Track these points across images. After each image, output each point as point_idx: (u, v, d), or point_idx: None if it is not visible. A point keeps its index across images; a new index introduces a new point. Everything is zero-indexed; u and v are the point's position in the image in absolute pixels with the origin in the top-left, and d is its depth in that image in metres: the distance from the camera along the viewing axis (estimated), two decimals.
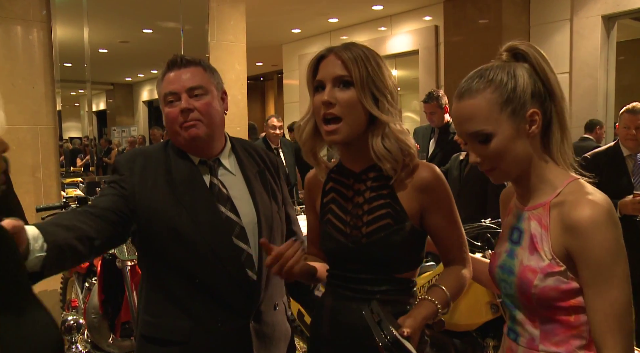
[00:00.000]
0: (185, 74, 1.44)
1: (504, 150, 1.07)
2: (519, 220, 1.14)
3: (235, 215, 1.45)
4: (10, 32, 3.41)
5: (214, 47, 4.44)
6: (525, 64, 1.09)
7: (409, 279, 1.30)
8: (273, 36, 8.60)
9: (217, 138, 1.49)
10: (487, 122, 1.06)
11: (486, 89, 1.06)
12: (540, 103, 1.08)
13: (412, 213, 1.24)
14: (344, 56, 1.20)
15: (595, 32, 5.55)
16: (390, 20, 7.41)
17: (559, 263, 1.03)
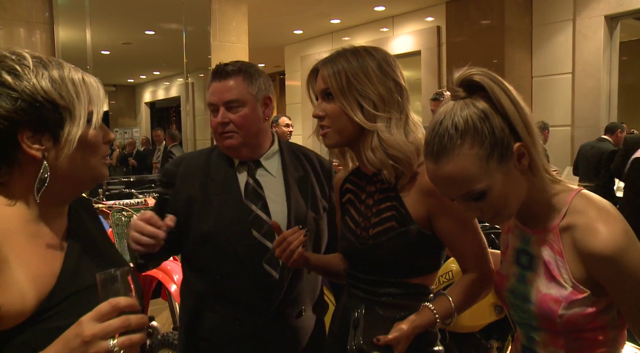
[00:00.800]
0: (224, 86, 1.49)
1: (503, 197, 0.97)
2: (525, 243, 1.07)
3: (265, 214, 1.49)
4: (13, 34, 3.42)
5: (216, 48, 4.45)
6: (482, 98, 0.96)
7: (420, 285, 1.25)
8: (275, 37, 8.60)
9: (256, 144, 1.54)
10: (477, 181, 0.94)
11: (463, 145, 0.94)
12: (517, 135, 0.96)
13: (419, 217, 1.21)
14: (324, 72, 1.23)
15: (598, 32, 5.54)
16: (393, 21, 7.41)
17: (582, 290, 0.96)
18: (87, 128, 0.90)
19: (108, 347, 0.76)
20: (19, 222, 0.88)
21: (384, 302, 1.23)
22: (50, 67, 0.89)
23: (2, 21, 3.37)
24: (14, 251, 0.84)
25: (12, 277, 0.83)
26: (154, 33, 4.85)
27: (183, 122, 5.33)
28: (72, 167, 0.90)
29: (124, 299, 0.79)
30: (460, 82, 0.97)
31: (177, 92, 5.60)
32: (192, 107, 4.93)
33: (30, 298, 0.84)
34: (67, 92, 0.88)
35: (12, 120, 0.85)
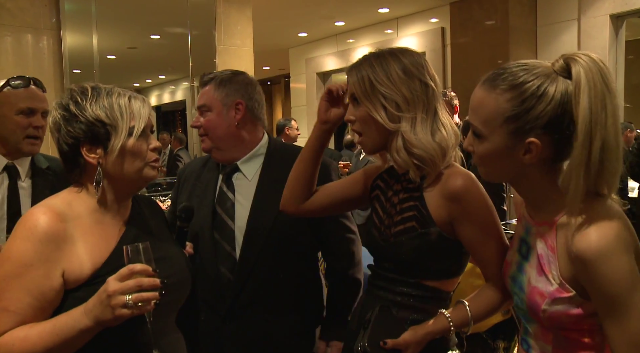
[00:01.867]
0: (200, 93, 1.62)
1: (488, 158, 1.00)
2: (527, 233, 1.07)
3: (230, 218, 1.56)
4: (21, 40, 3.45)
5: (221, 51, 4.47)
6: (570, 84, 0.93)
7: (436, 289, 1.24)
8: (280, 40, 8.62)
9: (228, 148, 1.58)
10: (485, 124, 0.98)
11: (504, 93, 0.96)
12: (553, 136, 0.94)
13: (441, 220, 1.20)
14: (350, 78, 1.25)
15: (603, 31, 5.52)
16: (397, 23, 7.41)
17: (568, 289, 0.95)
18: (127, 139, 1.16)
19: (125, 301, 0.99)
20: (87, 211, 1.18)
21: (399, 302, 1.24)
22: (103, 95, 1.18)
23: (11, 28, 3.41)
24: (79, 231, 1.14)
25: (75, 251, 1.12)
26: (159, 37, 4.87)
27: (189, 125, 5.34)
28: (120, 170, 1.17)
29: (140, 265, 1.03)
30: (564, 58, 0.96)
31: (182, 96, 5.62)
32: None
33: (87, 267, 1.12)
34: (113, 113, 1.16)
35: (76, 138, 1.16)
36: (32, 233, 1.08)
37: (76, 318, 1.03)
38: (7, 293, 1.06)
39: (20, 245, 1.08)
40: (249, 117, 1.59)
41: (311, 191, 1.38)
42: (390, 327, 1.21)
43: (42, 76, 3.54)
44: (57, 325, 1.04)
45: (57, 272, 1.08)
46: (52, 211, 1.12)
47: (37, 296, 1.06)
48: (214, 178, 1.63)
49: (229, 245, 1.55)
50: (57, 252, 1.09)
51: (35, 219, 1.10)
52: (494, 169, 1.02)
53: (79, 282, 1.10)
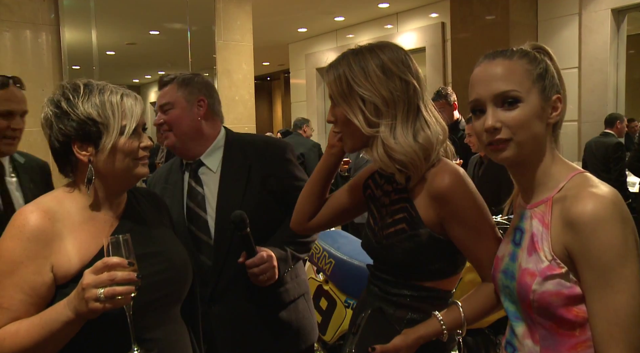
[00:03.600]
0: (160, 93, 1.71)
1: (527, 121, 0.98)
2: (521, 220, 1.05)
3: (202, 210, 1.67)
4: (20, 36, 3.44)
5: (220, 47, 4.46)
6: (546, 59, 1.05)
7: (434, 289, 1.22)
8: (279, 36, 8.61)
9: (191, 142, 1.70)
10: (521, 86, 1.00)
11: (522, 58, 1.02)
12: (562, 93, 1.04)
13: (430, 221, 1.17)
14: (327, 78, 1.23)
15: (604, 25, 5.50)
16: (397, 18, 7.39)
17: (559, 264, 0.92)
18: (119, 138, 1.16)
19: (97, 294, 0.99)
20: (77, 208, 1.19)
21: (395, 302, 1.22)
22: (95, 93, 1.17)
23: (9, 23, 3.39)
24: (68, 228, 1.15)
25: (63, 247, 1.13)
26: (159, 33, 4.86)
27: None
28: (111, 168, 1.17)
29: (116, 259, 1.02)
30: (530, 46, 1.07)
31: None
32: None
33: (75, 263, 1.13)
34: (105, 111, 1.16)
35: (67, 135, 1.15)
36: (21, 232, 1.11)
37: (59, 311, 1.05)
38: (0, 291, 1.09)
39: (10, 244, 1.11)
40: (210, 113, 1.71)
41: (317, 211, 1.39)
42: (381, 331, 1.19)
43: (41, 72, 3.54)
44: (43, 318, 1.06)
45: (46, 268, 1.11)
46: (41, 209, 1.14)
47: (29, 292, 1.09)
48: (180, 178, 1.73)
49: (205, 235, 1.65)
50: (45, 249, 1.11)
51: (24, 218, 1.12)
52: (529, 137, 0.99)
53: (67, 278, 1.12)
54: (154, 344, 1.16)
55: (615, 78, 5.61)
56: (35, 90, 3.49)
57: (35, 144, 3.53)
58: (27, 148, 3.42)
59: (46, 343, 1.05)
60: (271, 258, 1.53)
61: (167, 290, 1.22)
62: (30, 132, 3.47)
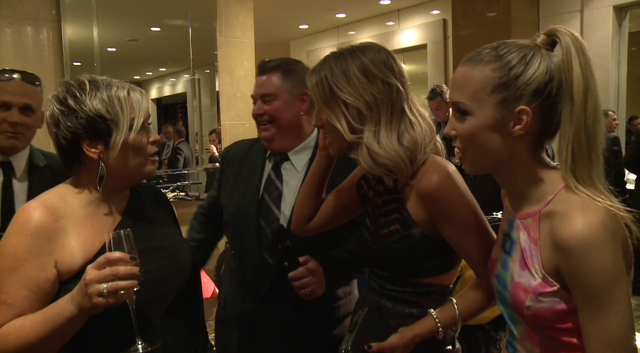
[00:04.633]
0: (260, 81, 1.62)
1: (473, 135, 0.95)
2: (510, 227, 1.03)
3: (276, 206, 1.60)
4: (21, 32, 3.43)
5: (222, 44, 4.46)
6: (554, 55, 0.95)
7: (432, 284, 1.22)
8: (281, 32, 8.59)
9: (289, 136, 1.62)
10: (471, 98, 0.95)
11: (489, 64, 0.94)
12: (542, 103, 0.92)
13: (422, 220, 1.17)
14: (309, 83, 1.22)
15: (606, 22, 5.49)
16: (398, 15, 7.37)
17: (551, 283, 0.90)
18: (128, 134, 1.16)
19: (100, 289, 0.99)
20: (81, 204, 1.19)
21: (393, 296, 1.23)
22: (102, 89, 1.16)
23: (10, 19, 3.39)
24: (71, 224, 1.15)
25: (66, 243, 1.13)
26: (160, 29, 4.85)
27: (190, 118, 5.33)
28: (122, 164, 1.17)
29: (118, 253, 1.02)
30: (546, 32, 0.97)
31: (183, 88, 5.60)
32: (199, 103, 4.94)
33: (79, 258, 1.13)
34: (113, 107, 1.15)
35: (76, 133, 1.14)
36: (24, 228, 1.11)
37: (63, 307, 1.05)
38: (4, 287, 1.09)
39: (13, 240, 1.11)
40: (311, 108, 1.61)
41: (315, 213, 1.40)
42: (378, 329, 1.19)
43: (42, 68, 3.54)
44: (46, 313, 1.06)
45: (50, 264, 1.11)
46: (44, 206, 1.14)
47: (33, 288, 1.09)
48: (259, 165, 1.67)
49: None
50: (49, 245, 1.11)
51: (27, 214, 1.12)
52: (481, 150, 0.96)
53: (71, 274, 1.12)
54: (158, 338, 1.16)
55: (616, 75, 5.59)
56: None
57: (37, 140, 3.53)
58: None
59: (50, 338, 1.05)
60: (314, 272, 1.45)
61: (171, 285, 1.23)
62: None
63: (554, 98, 0.93)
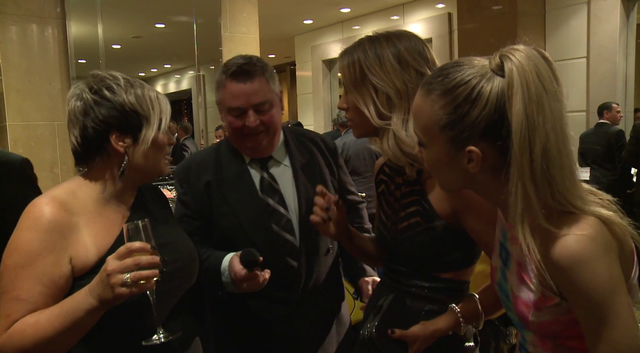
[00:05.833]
0: (250, 89, 1.43)
1: (432, 166, 0.94)
2: (503, 237, 1.00)
3: (283, 207, 1.50)
4: (26, 29, 3.44)
5: (226, 39, 4.45)
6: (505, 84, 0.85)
7: (451, 279, 1.21)
8: (285, 28, 8.57)
9: (274, 140, 1.55)
10: (424, 132, 0.92)
11: (438, 99, 0.89)
12: (494, 142, 0.86)
13: (445, 213, 1.16)
14: (340, 63, 1.20)
15: (614, 14, 5.43)
16: (403, 9, 7.34)
17: (551, 297, 0.87)
18: (157, 132, 1.19)
19: (123, 279, 0.99)
20: (91, 199, 1.18)
21: (413, 293, 1.21)
22: (136, 86, 1.19)
23: (15, 17, 3.39)
24: (83, 219, 1.15)
25: (80, 239, 1.13)
26: (164, 26, 4.85)
27: (195, 114, 5.33)
28: (144, 161, 1.20)
29: (138, 243, 1.02)
30: (499, 55, 0.87)
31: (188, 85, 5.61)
32: (204, 99, 4.94)
33: (93, 254, 1.13)
34: (146, 104, 1.18)
35: (107, 124, 1.15)
36: (37, 223, 1.10)
37: (81, 300, 1.04)
38: (18, 283, 1.08)
39: (27, 236, 1.09)
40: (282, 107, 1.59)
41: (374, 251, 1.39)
42: (403, 317, 1.18)
43: (47, 66, 3.54)
44: (64, 307, 1.06)
45: (64, 260, 1.10)
46: (55, 201, 1.13)
47: (48, 284, 1.08)
48: (244, 170, 1.53)
49: (290, 235, 1.50)
50: (63, 241, 1.10)
51: (39, 210, 1.11)
52: (443, 177, 0.95)
53: (85, 270, 1.12)
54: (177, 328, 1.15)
55: (624, 68, 5.55)
56: (42, 83, 3.50)
57: (43, 138, 3.55)
58: (35, 141, 3.46)
59: (69, 332, 1.05)
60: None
61: (179, 281, 1.24)
62: (38, 125, 3.49)
63: (507, 135, 0.84)
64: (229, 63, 1.49)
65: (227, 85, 1.46)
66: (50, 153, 3.60)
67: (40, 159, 3.51)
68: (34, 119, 3.51)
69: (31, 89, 3.47)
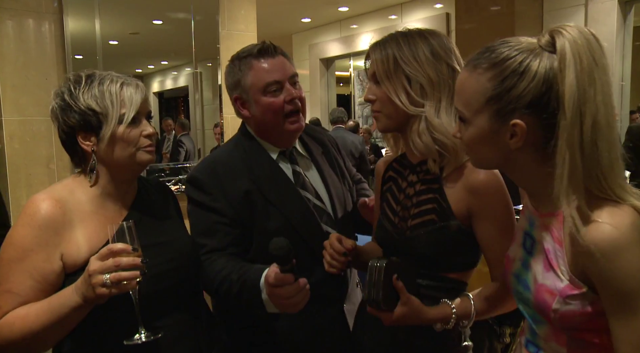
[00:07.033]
0: (283, 62, 1.42)
1: (473, 143, 0.94)
2: (530, 226, 1.00)
3: (320, 202, 1.46)
4: (22, 24, 3.43)
5: (224, 37, 4.44)
6: (555, 58, 0.86)
7: (458, 280, 1.22)
8: (283, 26, 8.56)
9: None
10: (467, 107, 0.93)
11: (485, 72, 0.90)
12: (539, 116, 0.87)
13: (460, 213, 1.17)
14: (373, 56, 1.21)
15: (611, 17, 5.45)
16: (401, 9, 7.34)
17: (579, 285, 0.87)
18: (117, 127, 1.18)
19: (103, 280, 1.01)
20: (88, 197, 1.21)
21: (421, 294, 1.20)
22: (95, 83, 1.19)
23: (12, 11, 3.38)
24: (79, 217, 1.17)
25: (73, 235, 1.16)
26: (162, 23, 4.83)
27: (191, 111, 5.32)
28: (112, 156, 1.20)
29: (120, 245, 1.04)
30: (550, 32, 0.89)
31: (185, 82, 5.59)
32: (201, 96, 4.93)
33: (84, 251, 1.15)
34: (104, 101, 1.18)
35: (71, 127, 1.19)
36: (32, 220, 1.14)
37: (67, 297, 1.08)
38: (10, 276, 1.12)
39: (22, 231, 1.14)
40: None
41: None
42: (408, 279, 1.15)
43: (44, 61, 3.53)
44: (51, 303, 1.09)
45: (56, 256, 1.14)
46: (52, 198, 1.17)
47: (39, 279, 1.12)
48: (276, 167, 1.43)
49: (332, 229, 1.43)
50: (55, 237, 1.14)
51: (35, 206, 1.15)
52: (481, 155, 0.96)
53: (76, 267, 1.15)
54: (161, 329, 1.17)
55: (621, 70, 5.57)
56: (38, 79, 3.48)
57: (40, 133, 3.53)
58: (31, 136, 3.44)
59: (54, 327, 1.08)
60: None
61: (174, 280, 1.24)
62: (34, 120, 3.47)
63: (553, 109, 0.86)
64: (245, 49, 1.46)
65: (256, 65, 1.41)
66: (46, 149, 3.58)
67: (36, 154, 3.50)
68: (30, 114, 3.49)
69: (27, 84, 3.46)
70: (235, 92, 1.45)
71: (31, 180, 3.37)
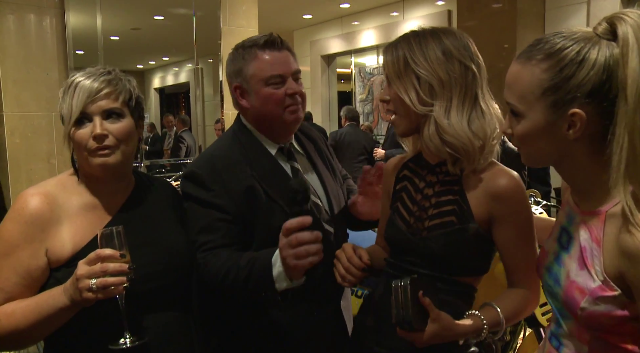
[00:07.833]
0: (287, 57, 1.42)
1: (527, 137, 0.92)
2: (569, 222, 0.98)
3: (319, 200, 1.44)
4: (24, 19, 3.42)
5: (226, 33, 4.43)
6: (616, 47, 0.84)
7: (470, 284, 1.21)
8: (284, 22, 8.55)
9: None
10: (521, 100, 0.91)
11: (540, 63, 0.88)
12: (599, 104, 0.85)
13: (480, 218, 1.15)
14: (385, 57, 1.21)
15: None
16: (403, 5, 7.32)
17: (612, 287, 0.85)
18: (68, 128, 1.18)
19: (89, 285, 1.02)
20: (78, 194, 1.22)
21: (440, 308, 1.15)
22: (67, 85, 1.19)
23: (13, 6, 3.37)
24: (67, 213, 1.18)
25: (59, 232, 1.16)
26: (163, 18, 4.82)
27: (192, 107, 5.33)
28: (78, 158, 1.21)
29: (108, 251, 1.05)
30: (607, 19, 0.87)
31: (186, 78, 5.59)
32: (202, 92, 4.93)
33: (68, 249, 1.15)
34: (63, 103, 1.18)
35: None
36: (20, 215, 1.15)
37: (55, 297, 1.09)
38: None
39: (9, 226, 1.15)
40: None
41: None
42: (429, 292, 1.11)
43: (45, 56, 3.52)
44: (39, 302, 1.10)
45: (41, 252, 1.14)
46: (42, 193, 1.18)
47: (24, 275, 1.13)
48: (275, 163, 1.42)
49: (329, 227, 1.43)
50: (41, 233, 1.14)
51: (24, 201, 1.16)
52: (535, 150, 0.94)
53: (60, 263, 1.15)
54: (149, 332, 1.17)
55: None
56: (39, 73, 3.48)
57: (40, 128, 3.53)
58: (33, 132, 3.44)
59: (41, 326, 1.10)
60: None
61: (164, 280, 1.23)
62: (35, 115, 3.47)
63: (614, 97, 0.84)
64: (250, 38, 1.44)
65: (260, 56, 1.39)
66: (47, 143, 3.58)
67: (37, 149, 3.50)
68: (31, 109, 3.49)
69: (28, 78, 3.45)
70: (236, 80, 1.43)
71: (32, 175, 3.38)
